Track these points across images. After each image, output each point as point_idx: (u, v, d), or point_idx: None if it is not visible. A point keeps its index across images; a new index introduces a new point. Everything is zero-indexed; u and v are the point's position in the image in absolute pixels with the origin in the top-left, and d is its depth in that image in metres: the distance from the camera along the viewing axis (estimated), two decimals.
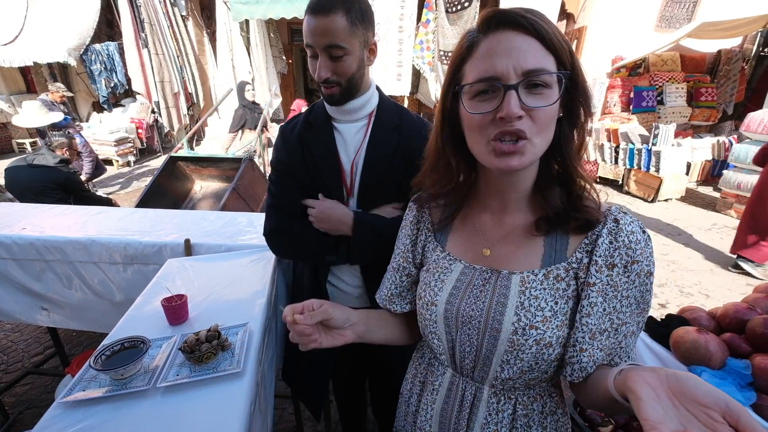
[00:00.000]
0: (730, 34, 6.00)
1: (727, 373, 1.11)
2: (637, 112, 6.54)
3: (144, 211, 2.02)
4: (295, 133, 1.13)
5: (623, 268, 0.57)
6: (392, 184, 1.09)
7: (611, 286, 0.58)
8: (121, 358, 0.89)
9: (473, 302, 0.64)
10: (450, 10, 6.18)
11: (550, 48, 0.53)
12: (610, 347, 0.60)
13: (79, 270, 1.67)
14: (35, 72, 7.54)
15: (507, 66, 0.52)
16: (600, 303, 0.58)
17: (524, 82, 0.52)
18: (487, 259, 0.66)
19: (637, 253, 0.57)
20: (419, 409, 0.78)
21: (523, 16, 0.53)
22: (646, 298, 0.60)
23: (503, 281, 0.62)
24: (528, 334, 0.59)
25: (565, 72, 0.54)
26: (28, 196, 2.84)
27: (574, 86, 0.56)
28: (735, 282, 3.42)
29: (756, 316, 1.18)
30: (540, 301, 0.60)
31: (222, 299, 1.25)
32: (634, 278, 0.58)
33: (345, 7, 0.92)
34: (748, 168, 4.74)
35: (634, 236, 0.57)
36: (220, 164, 3.50)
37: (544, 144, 0.57)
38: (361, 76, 1.03)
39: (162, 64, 7.30)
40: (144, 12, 6.83)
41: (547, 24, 0.53)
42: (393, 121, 1.11)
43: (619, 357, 0.61)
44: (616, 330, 0.59)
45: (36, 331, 2.65)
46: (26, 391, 2.13)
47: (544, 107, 0.53)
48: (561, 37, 0.54)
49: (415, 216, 0.78)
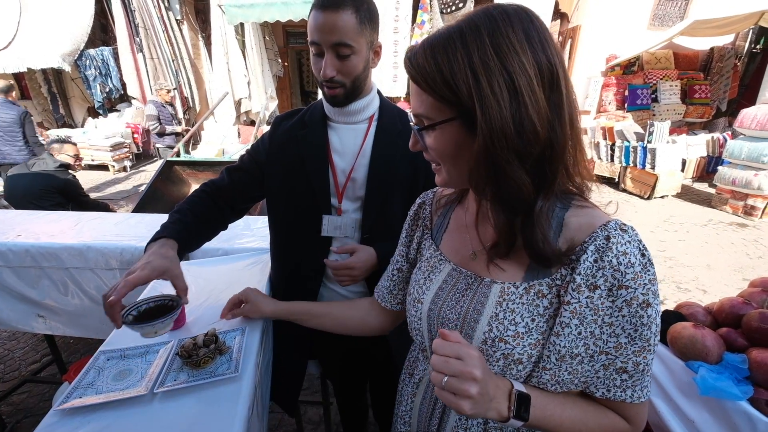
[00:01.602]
0: (723, 32, 6.05)
1: (723, 368, 1.11)
2: (632, 110, 6.58)
3: (140, 216, 2.01)
4: (287, 129, 1.11)
5: (607, 291, 0.51)
6: (401, 190, 1.07)
7: (590, 309, 0.52)
8: (152, 315, 0.84)
9: (453, 305, 0.64)
10: (445, 11, 6.20)
11: (428, 90, 0.53)
12: (585, 374, 0.56)
13: (75, 276, 1.66)
14: (29, 78, 7.51)
15: (413, 108, 0.58)
16: (574, 325, 0.53)
17: (416, 126, 0.59)
18: (474, 263, 0.65)
19: (627, 277, 0.50)
20: (402, 399, 0.80)
21: (410, 60, 0.54)
22: (643, 334, 0.52)
23: (483, 289, 0.61)
24: (496, 347, 0.57)
25: (422, 126, 0.57)
26: (26, 201, 2.83)
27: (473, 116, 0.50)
28: (732, 277, 3.44)
29: (751, 311, 1.19)
30: (516, 316, 0.56)
31: (219, 303, 1.24)
32: (621, 305, 0.51)
33: (355, 4, 0.89)
34: (742, 164, 4.78)
35: (626, 258, 0.50)
36: (217, 168, 3.50)
37: (456, 175, 0.59)
38: (365, 78, 1.01)
39: (157, 68, 7.29)
40: (138, 16, 6.83)
41: (431, 62, 0.50)
42: (396, 126, 1.09)
43: (596, 387, 0.56)
44: (592, 357, 0.54)
45: (33, 338, 2.64)
46: (23, 399, 2.12)
47: (431, 148, 0.58)
48: (450, 71, 0.49)
49: (416, 212, 0.80)
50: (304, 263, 1.16)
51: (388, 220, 1.10)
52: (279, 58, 8.53)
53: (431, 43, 0.52)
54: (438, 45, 0.51)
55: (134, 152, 7.63)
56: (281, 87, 9.05)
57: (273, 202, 1.18)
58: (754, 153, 4.60)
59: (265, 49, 7.63)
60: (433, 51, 0.51)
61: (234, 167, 1.17)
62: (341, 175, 1.08)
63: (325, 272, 1.17)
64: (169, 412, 0.82)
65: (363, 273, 1.06)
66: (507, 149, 0.49)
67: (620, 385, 0.55)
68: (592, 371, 0.55)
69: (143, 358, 0.97)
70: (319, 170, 1.07)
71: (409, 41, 6.25)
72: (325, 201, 1.09)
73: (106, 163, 7.05)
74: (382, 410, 1.55)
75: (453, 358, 0.50)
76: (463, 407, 0.49)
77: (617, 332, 0.52)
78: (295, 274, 1.19)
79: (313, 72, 1.00)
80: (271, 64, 7.96)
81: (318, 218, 1.10)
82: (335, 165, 1.08)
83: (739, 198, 4.89)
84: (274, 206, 1.18)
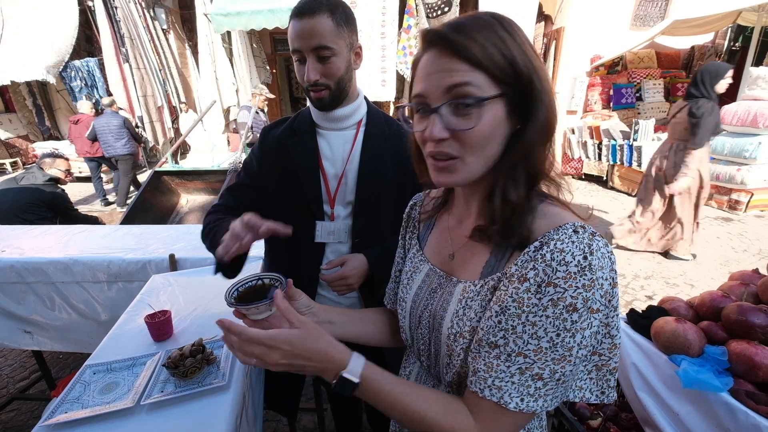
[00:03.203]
0: (702, 31, 6.19)
1: (705, 360, 1.14)
2: (617, 109, 6.69)
3: (128, 228, 2.01)
4: (276, 138, 1.12)
5: (536, 286, 0.49)
6: (390, 194, 1.09)
7: (515, 301, 0.51)
8: (258, 294, 0.72)
9: (427, 304, 0.67)
10: (431, 16, 6.26)
11: (479, 65, 0.50)
12: (499, 375, 0.52)
13: (61, 291, 1.64)
14: (13, 91, 7.42)
15: (431, 87, 0.52)
16: (495, 312, 0.53)
17: (447, 104, 0.51)
18: (450, 263, 0.67)
19: (558, 275, 0.48)
20: None
21: (446, 36, 0.50)
22: (565, 341, 0.49)
23: (450, 288, 0.63)
24: (457, 342, 0.59)
25: (494, 95, 0.50)
26: (13, 215, 2.79)
27: (525, 98, 0.52)
28: (718, 271, 3.50)
29: (730, 303, 1.22)
30: (471, 311, 0.58)
31: (208, 313, 1.25)
32: (546, 304, 0.49)
33: (329, 8, 0.93)
34: (725, 159, 4.88)
35: (561, 255, 0.48)
36: (206, 177, 3.49)
37: (482, 162, 0.54)
38: (349, 80, 1.03)
39: (144, 78, 7.25)
40: (124, 27, 6.79)
41: (478, 40, 0.49)
42: (383, 131, 1.11)
43: (510, 396, 0.52)
44: (509, 356, 0.51)
45: (21, 355, 2.59)
46: (12, 417, 2.08)
47: (467, 130, 0.51)
48: (500, 50, 0.50)
49: (408, 213, 0.82)
50: (300, 270, 1.16)
51: (377, 224, 1.12)
52: (267, 66, 8.54)
53: (469, 20, 0.51)
54: (479, 22, 0.51)
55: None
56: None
57: (267, 211, 1.19)
58: (736, 148, 4.70)
59: (253, 56, 7.63)
60: (478, 26, 0.50)
61: (233, 186, 1.17)
62: (333, 180, 1.10)
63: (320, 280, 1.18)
64: (157, 424, 0.82)
65: (358, 280, 1.08)
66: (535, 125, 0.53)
67: (533, 393, 0.51)
68: (507, 373, 0.52)
69: (130, 370, 0.97)
70: (310, 178, 1.09)
71: (396, 46, 6.30)
72: (317, 207, 1.10)
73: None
74: (375, 414, 1.55)
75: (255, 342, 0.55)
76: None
77: (539, 334, 0.49)
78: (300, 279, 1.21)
79: (298, 80, 1.02)
80: (259, 71, 7.96)
81: (311, 225, 1.11)
82: (326, 171, 1.10)
83: (723, 193, 4.99)
84: (268, 215, 1.19)
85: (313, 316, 0.73)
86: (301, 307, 0.71)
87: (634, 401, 1.33)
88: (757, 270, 1.45)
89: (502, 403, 0.52)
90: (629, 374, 1.33)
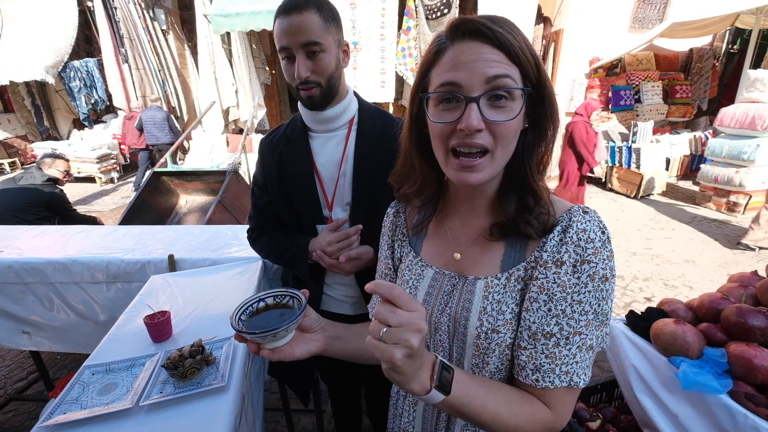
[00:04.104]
0: (700, 33, 6.22)
1: (704, 362, 1.14)
2: (616, 111, 6.72)
3: (127, 228, 2.00)
4: (273, 147, 1.13)
5: (572, 267, 0.54)
6: (386, 194, 1.07)
7: (559, 286, 0.54)
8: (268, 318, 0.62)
9: (443, 308, 0.65)
10: (430, 17, 6.27)
11: (515, 60, 0.52)
12: (565, 360, 0.55)
13: (60, 291, 1.64)
14: (12, 91, 7.40)
15: (470, 77, 0.51)
16: (543, 301, 0.55)
17: (486, 95, 0.52)
18: (457, 263, 0.66)
19: (588, 252, 0.53)
20: (403, 412, 0.78)
21: (489, 27, 0.51)
22: (604, 309, 0.55)
23: (469, 286, 0.62)
24: (490, 338, 0.58)
25: (525, 89, 0.53)
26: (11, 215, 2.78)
27: (540, 99, 0.55)
28: (716, 273, 3.51)
29: (729, 305, 1.22)
30: (501, 305, 0.59)
31: (207, 313, 1.25)
32: (586, 281, 0.53)
33: (316, 5, 0.93)
34: (723, 161, 4.89)
35: (586, 234, 0.53)
36: (205, 177, 3.48)
37: (506, 157, 0.56)
38: (339, 78, 1.02)
39: (143, 78, 7.25)
40: (123, 27, 6.79)
41: (514, 35, 0.52)
42: (376, 128, 1.10)
43: (578, 375, 0.55)
44: (568, 339, 0.55)
45: (18, 356, 2.58)
46: (9, 418, 2.07)
47: (504, 122, 0.52)
48: (529, 49, 0.53)
49: (393, 222, 0.79)
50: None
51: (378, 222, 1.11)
52: (266, 66, 8.53)
53: (499, 21, 0.53)
54: (506, 20, 0.53)
55: (121, 163, 7.56)
56: (269, 95, 9.04)
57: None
58: (735, 150, 4.72)
59: (252, 57, 7.63)
60: (507, 23, 0.53)
61: (256, 206, 1.22)
62: (329, 184, 1.10)
63: (324, 280, 1.19)
64: (156, 425, 0.82)
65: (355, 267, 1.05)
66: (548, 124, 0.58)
67: (589, 364, 0.56)
68: (570, 355, 0.55)
69: (129, 371, 0.97)
70: (306, 184, 1.09)
71: (395, 47, 6.31)
72: (316, 212, 1.10)
73: (92, 175, 6.96)
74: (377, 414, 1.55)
75: (403, 309, 0.46)
76: (395, 355, 0.45)
77: (586, 309, 0.54)
78: (297, 282, 1.24)
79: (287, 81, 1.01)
80: (259, 72, 7.96)
81: (312, 228, 1.12)
82: (321, 176, 1.10)
83: (721, 195, 5.00)
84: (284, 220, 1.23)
85: (324, 331, 0.68)
86: (313, 324, 0.65)
87: (633, 403, 1.33)
88: (756, 272, 1.45)
89: (572, 384, 0.56)
90: (628, 376, 1.33)
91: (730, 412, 1.04)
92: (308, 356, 0.63)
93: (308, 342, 0.64)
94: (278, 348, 0.59)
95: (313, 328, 0.66)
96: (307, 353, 0.63)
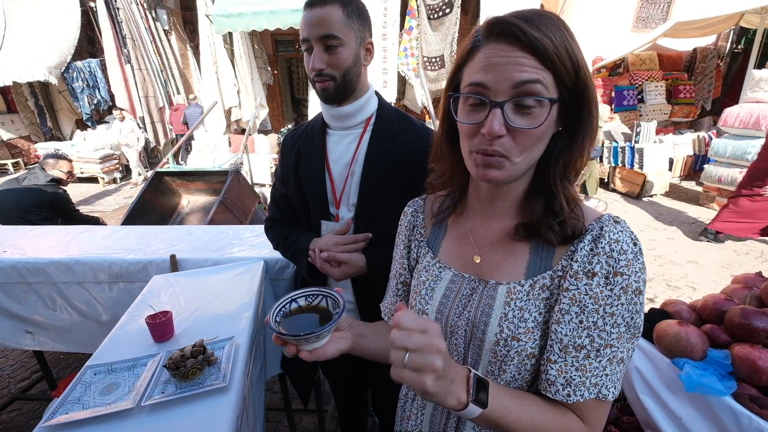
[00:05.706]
0: (704, 33, 6.20)
1: (708, 364, 1.13)
2: (619, 111, 6.69)
3: (129, 229, 2.01)
4: (293, 141, 1.16)
5: (604, 279, 0.53)
6: (398, 193, 1.04)
7: (591, 298, 0.53)
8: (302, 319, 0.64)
9: (461, 311, 0.63)
10: (432, 17, 6.28)
11: (548, 64, 0.49)
12: (595, 373, 0.54)
13: (63, 291, 1.64)
14: (15, 91, 7.44)
15: (498, 80, 0.50)
16: (574, 313, 0.54)
17: (512, 101, 0.50)
18: (477, 266, 0.64)
19: (621, 264, 0.52)
20: (411, 414, 0.77)
21: (523, 29, 0.49)
22: (637, 322, 0.54)
23: (490, 291, 0.61)
24: (510, 346, 0.57)
25: (553, 99, 0.51)
26: (14, 215, 2.80)
27: (576, 104, 0.53)
28: (720, 274, 3.49)
29: (733, 307, 1.21)
30: (524, 313, 0.57)
31: (208, 314, 1.25)
32: (619, 293, 0.52)
33: (342, 1, 0.94)
34: (727, 162, 4.86)
35: (619, 245, 0.52)
36: (207, 178, 3.48)
37: (527, 162, 0.55)
38: (357, 74, 1.02)
39: (146, 79, 7.28)
40: (126, 27, 6.82)
41: (552, 37, 0.49)
42: (392, 130, 1.08)
43: (607, 388, 0.54)
44: (598, 351, 0.54)
45: (22, 355, 2.59)
46: (13, 417, 2.08)
47: (528, 129, 0.51)
48: (568, 53, 0.50)
49: (410, 221, 0.77)
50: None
51: (383, 225, 1.09)
52: (268, 67, 8.55)
53: (536, 14, 0.50)
54: (546, 18, 0.50)
55: (124, 164, 7.58)
56: (271, 95, 9.06)
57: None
58: (739, 151, 4.69)
59: (254, 57, 7.65)
60: (547, 22, 0.50)
61: (274, 197, 1.25)
62: (339, 182, 1.10)
63: (327, 281, 1.18)
64: (158, 425, 0.82)
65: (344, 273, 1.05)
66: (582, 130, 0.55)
67: (620, 377, 0.55)
68: (600, 368, 0.54)
69: (131, 371, 0.97)
70: (317, 179, 1.10)
71: (397, 47, 6.31)
72: (324, 208, 1.11)
73: (95, 175, 6.99)
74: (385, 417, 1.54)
75: (416, 331, 0.46)
76: (426, 383, 0.45)
77: (618, 322, 0.53)
78: (305, 282, 1.26)
79: (307, 76, 1.03)
80: (261, 72, 7.98)
81: (318, 224, 1.13)
82: (332, 173, 1.10)
83: (725, 195, 4.97)
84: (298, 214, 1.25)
85: (351, 328, 0.68)
86: (343, 321, 0.66)
87: (636, 404, 1.33)
88: (760, 273, 1.44)
89: (601, 396, 0.55)
90: (631, 377, 1.33)
91: (734, 414, 1.03)
92: (338, 354, 0.64)
93: (338, 340, 0.65)
94: (316, 349, 0.60)
95: (342, 326, 0.67)
96: (338, 351, 0.64)
